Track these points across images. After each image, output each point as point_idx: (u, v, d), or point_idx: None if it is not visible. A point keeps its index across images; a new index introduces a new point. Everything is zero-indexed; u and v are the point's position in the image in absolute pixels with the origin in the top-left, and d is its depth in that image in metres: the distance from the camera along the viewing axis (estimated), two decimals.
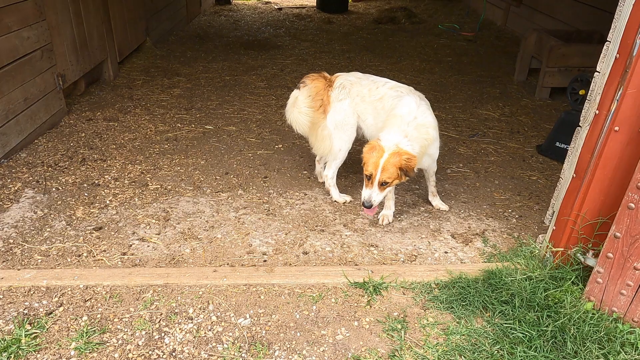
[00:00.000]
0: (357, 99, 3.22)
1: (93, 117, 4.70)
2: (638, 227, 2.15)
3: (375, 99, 3.15)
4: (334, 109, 3.21)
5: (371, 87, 3.19)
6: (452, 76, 6.36)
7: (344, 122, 3.24)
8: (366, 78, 3.28)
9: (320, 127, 3.27)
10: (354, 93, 3.22)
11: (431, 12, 10.16)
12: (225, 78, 6.04)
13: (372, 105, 3.17)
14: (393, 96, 3.08)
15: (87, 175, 3.70)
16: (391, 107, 3.03)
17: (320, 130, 3.27)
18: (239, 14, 9.74)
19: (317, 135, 3.30)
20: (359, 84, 3.23)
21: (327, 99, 3.22)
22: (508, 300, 2.42)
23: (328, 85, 3.26)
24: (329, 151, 3.33)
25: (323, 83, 3.28)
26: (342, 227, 3.21)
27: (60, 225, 3.12)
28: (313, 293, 2.58)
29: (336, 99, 3.21)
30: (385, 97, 3.11)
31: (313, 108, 3.27)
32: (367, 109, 3.20)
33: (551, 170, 4.08)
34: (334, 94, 3.22)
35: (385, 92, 3.12)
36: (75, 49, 4.81)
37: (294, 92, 3.39)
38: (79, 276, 2.62)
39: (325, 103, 3.23)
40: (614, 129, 2.22)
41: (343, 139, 3.29)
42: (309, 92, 3.29)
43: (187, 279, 2.62)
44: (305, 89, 3.30)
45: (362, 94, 3.21)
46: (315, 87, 3.28)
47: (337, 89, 3.23)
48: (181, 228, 3.14)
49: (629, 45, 2.09)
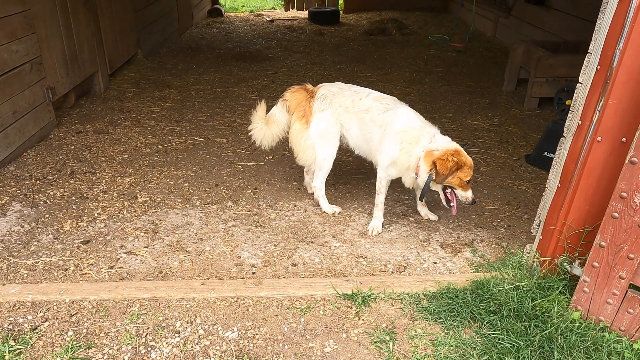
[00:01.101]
0: (340, 109, 3.23)
1: (83, 130, 4.69)
2: (622, 236, 2.16)
3: (360, 110, 3.17)
4: (317, 119, 3.23)
5: (354, 97, 3.22)
6: (441, 87, 6.42)
7: (326, 131, 3.26)
8: (348, 88, 3.30)
9: (303, 138, 3.28)
10: (336, 103, 3.24)
11: (421, 23, 10.27)
12: (217, 90, 6.05)
13: (356, 117, 3.19)
14: (381, 110, 3.10)
15: (76, 188, 3.68)
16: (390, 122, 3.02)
17: (303, 141, 3.29)
18: (231, 26, 9.80)
19: (300, 146, 3.32)
20: (342, 94, 3.25)
21: (309, 110, 3.24)
22: (496, 311, 2.42)
23: (310, 96, 3.29)
24: (313, 161, 3.35)
25: (304, 95, 3.31)
26: (332, 239, 3.21)
27: (47, 239, 3.09)
28: (301, 305, 2.57)
29: (318, 109, 3.23)
30: (371, 110, 3.13)
31: (296, 120, 3.29)
32: (351, 119, 3.22)
33: (540, 179, 4.11)
34: (316, 104, 3.24)
35: (370, 104, 3.14)
36: (65, 62, 4.82)
37: (274, 108, 3.42)
38: (65, 290, 2.60)
39: (307, 114, 3.25)
40: (597, 139, 2.24)
41: (327, 148, 3.31)
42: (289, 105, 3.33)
43: (175, 292, 2.60)
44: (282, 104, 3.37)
45: (345, 105, 3.23)
46: (296, 99, 3.31)
47: (319, 100, 3.25)
48: (170, 241, 3.13)
49: (609, 57, 2.12)
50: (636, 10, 1.99)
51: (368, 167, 4.21)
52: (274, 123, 3.40)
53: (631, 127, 2.16)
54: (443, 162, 2.83)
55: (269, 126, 3.42)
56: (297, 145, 3.33)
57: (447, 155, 2.84)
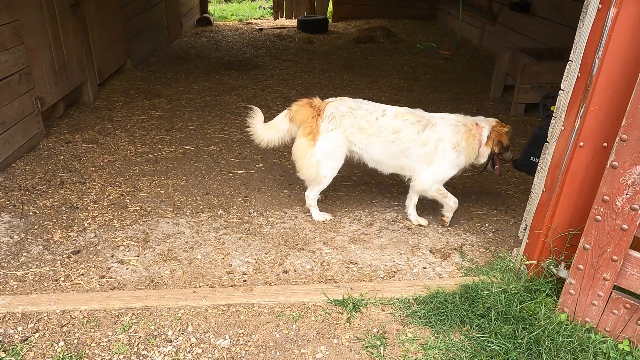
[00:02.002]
0: (352, 130, 3.21)
1: (72, 140, 4.68)
2: (605, 238, 2.22)
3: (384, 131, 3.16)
4: (324, 138, 3.20)
5: (369, 118, 3.19)
6: (430, 93, 6.50)
7: (333, 151, 3.25)
8: (359, 107, 3.24)
9: (308, 155, 3.25)
10: (347, 124, 3.20)
11: (409, 31, 10.39)
12: (206, 98, 6.07)
13: (379, 137, 3.18)
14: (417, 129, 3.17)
15: (66, 199, 3.68)
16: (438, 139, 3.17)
17: (308, 158, 3.26)
18: (220, 35, 9.84)
19: (305, 162, 3.29)
20: (352, 114, 3.20)
21: (316, 128, 3.20)
22: (484, 314, 2.46)
23: (317, 114, 3.23)
24: (314, 177, 3.34)
25: (310, 111, 3.25)
26: (322, 245, 3.23)
27: (37, 249, 3.08)
28: (293, 312, 2.59)
29: (326, 129, 3.19)
30: (404, 130, 3.15)
31: (302, 135, 3.26)
32: (370, 140, 3.21)
33: (526, 184, 4.17)
34: (324, 123, 3.19)
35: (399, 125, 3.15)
36: (54, 72, 4.81)
37: (279, 115, 3.43)
38: (55, 301, 2.59)
39: (314, 131, 3.21)
40: (579, 145, 2.30)
41: (331, 167, 3.32)
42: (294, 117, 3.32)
43: (166, 301, 2.60)
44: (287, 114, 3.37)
45: (359, 125, 3.20)
46: (302, 115, 3.26)
47: (326, 119, 3.20)
48: (161, 250, 3.13)
49: (589, 64, 2.18)
50: (613, 19, 2.05)
51: (357, 174, 4.26)
52: (274, 129, 3.40)
53: (612, 132, 2.22)
54: (504, 137, 3.28)
55: (268, 130, 3.42)
56: (301, 160, 3.30)
57: (501, 130, 3.27)
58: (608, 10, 2.06)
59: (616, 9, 2.03)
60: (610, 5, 2.05)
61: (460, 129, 3.22)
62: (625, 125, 2.03)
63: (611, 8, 2.04)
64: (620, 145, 2.06)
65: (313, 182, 3.39)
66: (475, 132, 3.24)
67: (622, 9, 2.02)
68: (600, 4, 2.11)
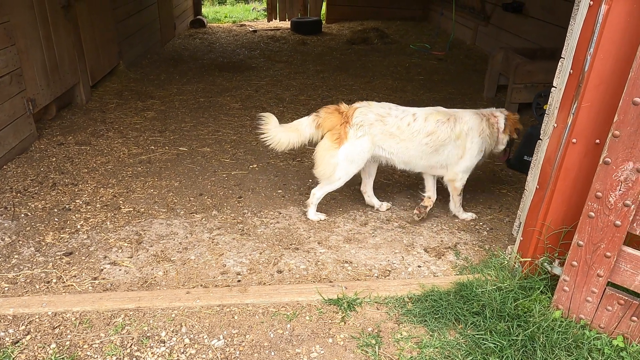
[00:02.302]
0: (381, 136, 3.23)
1: (64, 142, 4.65)
2: (599, 234, 2.22)
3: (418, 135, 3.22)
4: (350, 144, 3.21)
5: (399, 124, 3.22)
6: (424, 94, 6.51)
7: (357, 157, 3.27)
8: (388, 114, 3.26)
9: (329, 155, 3.26)
10: (377, 131, 3.22)
11: (402, 32, 10.41)
12: (200, 100, 6.05)
13: (413, 141, 3.24)
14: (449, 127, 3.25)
15: (58, 200, 3.65)
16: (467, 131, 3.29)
17: (329, 158, 3.27)
18: (213, 37, 9.82)
19: (324, 161, 3.30)
20: (382, 122, 3.22)
21: (344, 134, 3.21)
22: (479, 312, 2.46)
23: (345, 121, 3.23)
24: (328, 177, 3.35)
25: (339, 118, 3.25)
26: (317, 245, 3.22)
27: (28, 251, 3.05)
28: (287, 311, 2.58)
29: (354, 136, 3.20)
30: (438, 132, 3.23)
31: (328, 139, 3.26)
32: (404, 146, 3.26)
33: (520, 183, 4.18)
34: (352, 130, 3.20)
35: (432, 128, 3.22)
36: (45, 73, 4.78)
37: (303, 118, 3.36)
38: (47, 303, 2.56)
39: (341, 137, 3.22)
40: (572, 141, 2.31)
41: (349, 172, 3.33)
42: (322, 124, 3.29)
43: (160, 302, 2.58)
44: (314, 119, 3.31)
45: (390, 132, 3.23)
46: (331, 121, 3.26)
47: (355, 126, 3.21)
48: (154, 251, 3.11)
49: (580, 61, 2.19)
50: (604, 16, 2.06)
51: None
52: (296, 132, 3.34)
53: (604, 129, 2.23)
54: (518, 124, 3.53)
55: (288, 133, 3.35)
56: (322, 160, 3.31)
57: (515, 118, 3.51)
58: (599, 6, 2.07)
59: (607, 5, 2.04)
60: (601, 2, 2.06)
61: (482, 118, 3.38)
62: (617, 122, 2.04)
63: (602, 5, 2.05)
64: (613, 142, 2.07)
65: (325, 182, 3.40)
66: (493, 120, 3.42)
67: (613, 5, 2.03)
68: (591, 0, 2.12)
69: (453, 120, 3.28)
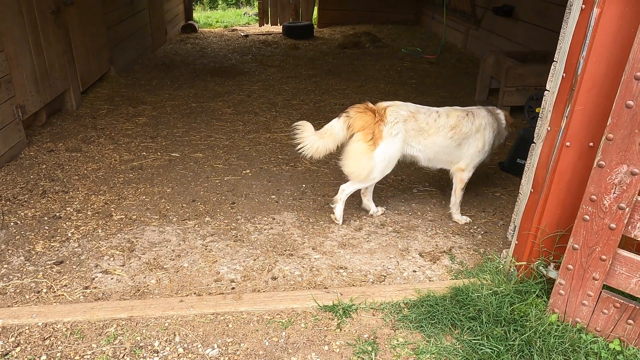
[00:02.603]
0: (412, 132, 3.27)
1: (55, 148, 4.60)
2: (594, 238, 2.22)
3: (445, 129, 3.30)
4: (387, 143, 3.20)
5: (428, 120, 3.29)
6: (416, 97, 6.51)
7: (393, 156, 3.28)
8: (418, 111, 3.31)
9: (366, 158, 3.23)
10: (410, 127, 3.24)
11: (394, 36, 10.44)
12: (192, 105, 6.02)
13: (441, 135, 3.31)
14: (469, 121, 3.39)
15: (48, 208, 3.60)
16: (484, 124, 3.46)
17: (365, 160, 3.24)
18: (205, 42, 9.79)
19: (360, 163, 3.26)
20: (414, 118, 3.27)
21: (379, 134, 3.19)
22: (475, 316, 2.45)
23: (379, 119, 3.21)
24: (363, 178, 3.34)
25: (372, 117, 3.23)
26: (311, 251, 3.20)
27: (18, 261, 3.00)
28: (282, 319, 2.55)
29: (389, 134, 3.19)
30: (460, 125, 3.35)
31: (361, 139, 3.22)
32: (431, 141, 3.32)
33: (513, 186, 4.19)
34: (387, 128, 3.19)
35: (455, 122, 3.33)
36: (35, 80, 4.73)
37: (334, 121, 3.31)
38: (37, 314, 2.52)
39: (376, 137, 3.19)
40: (566, 145, 2.31)
41: (384, 171, 3.35)
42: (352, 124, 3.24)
43: (153, 311, 2.55)
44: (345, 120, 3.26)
45: (421, 128, 3.27)
46: (363, 120, 3.22)
47: (390, 124, 3.20)
48: (146, 258, 3.07)
49: (573, 64, 2.19)
50: (597, 19, 2.06)
51: (344, 178, 4.22)
52: (330, 137, 3.28)
53: (597, 132, 2.23)
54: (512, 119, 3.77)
55: (324, 139, 3.28)
56: (357, 161, 3.26)
57: (508, 115, 3.75)
58: (591, 10, 2.07)
59: (599, 8, 2.04)
60: (593, 6, 2.06)
61: (491, 113, 3.55)
62: (610, 125, 2.04)
63: (594, 8, 2.06)
64: (607, 145, 2.07)
65: (357, 181, 3.40)
66: (499, 116, 3.63)
67: (605, 9, 2.04)
68: (583, 4, 2.12)
69: (471, 115, 3.42)
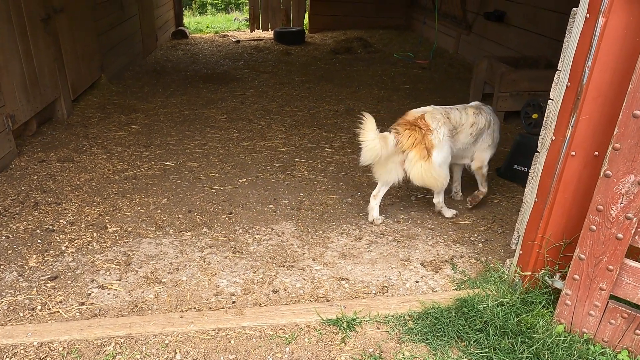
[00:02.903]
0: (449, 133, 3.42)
1: (46, 158, 4.50)
2: (601, 248, 2.20)
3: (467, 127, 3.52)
4: (440, 149, 3.33)
5: (457, 119, 3.47)
6: (410, 103, 6.50)
7: (447, 157, 3.43)
8: (447, 113, 3.44)
9: (431, 172, 3.33)
10: (447, 128, 3.40)
11: (386, 41, 10.45)
12: (185, 112, 5.95)
13: (465, 132, 3.52)
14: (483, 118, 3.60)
15: (41, 221, 3.51)
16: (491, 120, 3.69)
17: (435, 173, 3.34)
18: (196, 48, 9.72)
19: (432, 179, 3.37)
20: (449, 118, 3.43)
21: (430, 143, 3.30)
22: (482, 328, 2.42)
23: (426, 131, 3.30)
24: (441, 186, 3.50)
25: (420, 133, 3.30)
26: (312, 262, 3.15)
27: (11, 277, 2.92)
28: (285, 334, 2.50)
29: (438, 141, 3.33)
30: (478, 122, 3.56)
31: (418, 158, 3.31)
32: (457, 139, 3.50)
33: (511, 192, 4.18)
34: (434, 136, 3.32)
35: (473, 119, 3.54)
36: (25, 88, 4.63)
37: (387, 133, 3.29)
38: (32, 332, 2.44)
39: (428, 147, 3.30)
40: (571, 154, 2.29)
41: (448, 173, 3.50)
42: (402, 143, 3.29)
43: (152, 328, 2.48)
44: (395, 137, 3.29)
45: (454, 127, 3.45)
46: (413, 138, 3.29)
47: (435, 130, 3.32)
48: (144, 272, 3.00)
49: (578, 74, 2.18)
50: (602, 29, 2.05)
51: (342, 186, 4.20)
52: (384, 141, 3.23)
53: (602, 141, 2.22)
54: None
55: (381, 140, 3.21)
56: (429, 179, 3.37)
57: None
58: (596, 20, 2.06)
59: (604, 18, 2.03)
60: (598, 15, 2.05)
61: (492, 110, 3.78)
62: (617, 134, 2.03)
63: (599, 18, 2.04)
64: (613, 154, 2.06)
65: (438, 190, 3.59)
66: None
67: (610, 18, 2.02)
68: (587, 13, 2.11)
69: (482, 112, 3.61)
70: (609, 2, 2.01)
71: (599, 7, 2.05)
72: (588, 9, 2.11)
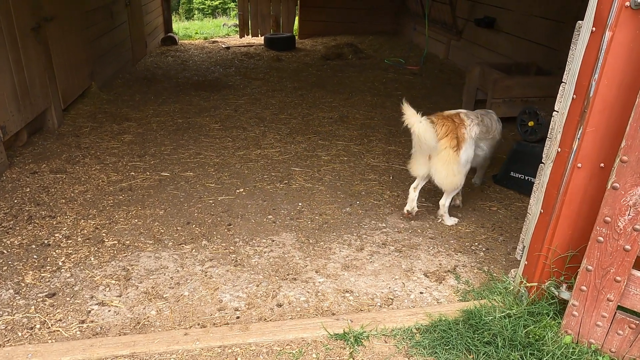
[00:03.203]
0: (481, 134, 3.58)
1: (38, 170, 4.41)
2: (608, 259, 2.21)
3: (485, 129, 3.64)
4: (469, 145, 3.45)
5: (489, 124, 3.66)
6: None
7: (471, 157, 3.53)
8: (476, 115, 3.59)
9: (454, 162, 3.40)
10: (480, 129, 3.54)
11: (376, 47, 10.49)
12: (178, 121, 5.89)
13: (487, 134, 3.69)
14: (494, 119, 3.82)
15: (35, 235, 3.43)
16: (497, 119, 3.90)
17: (453, 166, 3.41)
18: (186, 54, 9.64)
19: (452, 172, 3.43)
20: (482, 120, 3.59)
21: (462, 136, 3.41)
22: (490, 341, 2.41)
23: (460, 122, 3.43)
24: (455, 186, 3.54)
25: (453, 123, 3.42)
26: (315, 274, 3.12)
27: (7, 294, 2.84)
28: (293, 349, 2.46)
29: (470, 137, 3.45)
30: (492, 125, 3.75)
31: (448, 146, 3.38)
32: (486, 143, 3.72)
33: (509, 200, 4.20)
34: (467, 131, 3.43)
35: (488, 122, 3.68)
36: (16, 99, 4.54)
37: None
38: (33, 353, 2.37)
39: (459, 139, 3.40)
40: (577, 166, 2.30)
41: (465, 174, 3.57)
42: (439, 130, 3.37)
43: (156, 346, 2.43)
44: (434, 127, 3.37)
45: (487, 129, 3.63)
46: (447, 127, 3.38)
47: (469, 126, 3.45)
48: (144, 287, 2.94)
49: (584, 86, 2.19)
50: (609, 42, 2.07)
51: (341, 195, 4.18)
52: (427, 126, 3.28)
53: (608, 153, 2.23)
54: None
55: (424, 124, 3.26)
56: (449, 173, 3.43)
57: None
58: (603, 34, 2.07)
59: (611, 32, 2.05)
60: (605, 29, 2.06)
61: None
62: (625, 147, 2.04)
63: (606, 32, 2.06)
64: (621, 167, 2.07)
65: (450, 189, 3.59)
66: None
67: (617, 32, 2.04)
68: (593, 27, 2.13)
69: (490, 115, 3.77)
70: (616, 16, 2.02)
71: (605, 21, 2.06)
72: (594, 23, 2.12)
